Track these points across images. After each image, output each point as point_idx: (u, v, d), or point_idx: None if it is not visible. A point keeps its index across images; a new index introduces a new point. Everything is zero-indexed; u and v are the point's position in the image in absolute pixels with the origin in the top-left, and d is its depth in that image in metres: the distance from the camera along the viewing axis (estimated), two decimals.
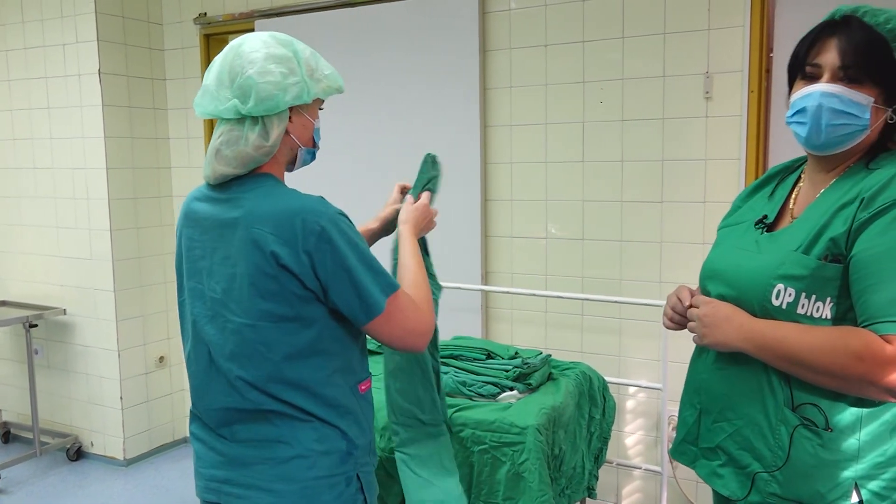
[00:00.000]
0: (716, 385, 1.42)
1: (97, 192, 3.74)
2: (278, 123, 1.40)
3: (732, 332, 1.32)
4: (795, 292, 1.26)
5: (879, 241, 1.18)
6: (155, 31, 3.93)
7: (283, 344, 1.37)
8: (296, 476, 1.40)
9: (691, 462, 1.50)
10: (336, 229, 1.33)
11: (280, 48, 1.40)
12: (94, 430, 3.96)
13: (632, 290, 2.92)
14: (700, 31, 2.71)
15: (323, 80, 1.45)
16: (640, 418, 2.99)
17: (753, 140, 2.64)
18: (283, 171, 1.51)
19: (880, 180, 1.22)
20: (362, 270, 1.35)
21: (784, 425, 1.29)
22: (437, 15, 3.15)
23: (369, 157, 3.38)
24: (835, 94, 1.26)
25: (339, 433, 1.43)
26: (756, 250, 1.37)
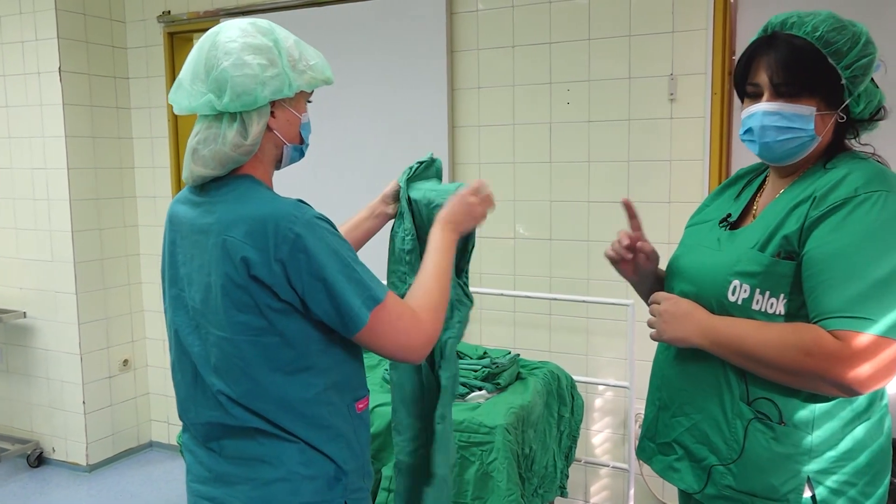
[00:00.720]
0: (676, 380, 1.45)
1: (58, 192, 3.67)
2: (258, 120, 1.28)
3: (690, 328, 1.35)
4: (750, 288, 1.29)
5: (830, 239, 1.21)
6: (118, 29, 3.86)
7: (264, 359, 1.26)
8: (277, 500, 1.29)
9: (648, 458, 1.52)
10: (313, 236, 1.21)
11: (259, 37, 1.29)
12: (55, 436, 3.88)
13: (599, 290, 2.94)
14: (664, 34, 2.75)
15: (307, 72, 1.32)
16: (608, 416, 3.02)
17: (717, 141, 2.68)
18: (270, 169, 1.39)
19: (833, 179, 1.25)
20: (342, 281, 1.22)
21: (739, 419, 1.32)
22: (404, 15, 3.14)
23: (335, 159, 3.36)
24: (776, 112, 1.29)
25: (327, 458, 1.31)
26: (717, 248, 1.40)
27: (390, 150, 3.24)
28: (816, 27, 1.27)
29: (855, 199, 1.21)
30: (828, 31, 1.26)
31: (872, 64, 1.28)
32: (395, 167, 3.13)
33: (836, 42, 1.26)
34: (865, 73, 1.27)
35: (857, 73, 1.27)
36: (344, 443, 1.34)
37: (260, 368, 1.26)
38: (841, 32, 1.26)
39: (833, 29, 1.27)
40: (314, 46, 1.41)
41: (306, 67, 1.32)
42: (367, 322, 1.24)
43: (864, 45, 1.27)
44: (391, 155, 3.23)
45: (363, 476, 1.40)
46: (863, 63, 1.26)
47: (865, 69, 1.27)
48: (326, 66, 1.37)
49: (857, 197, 1.21)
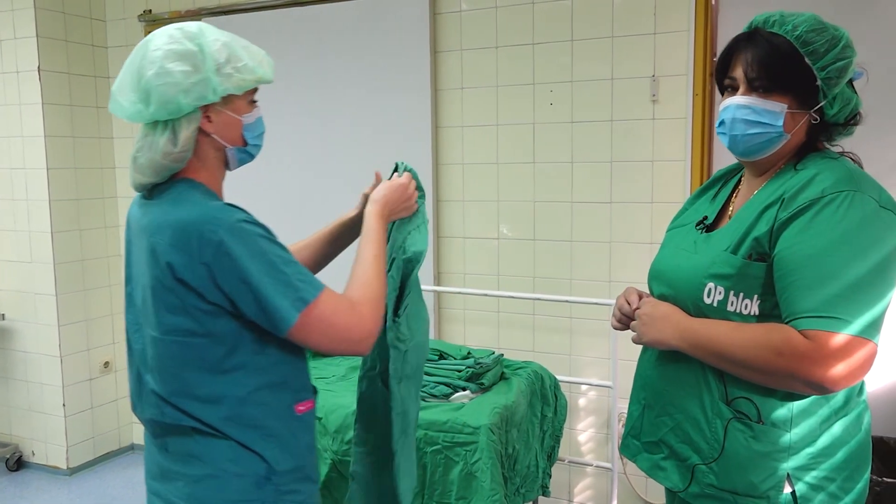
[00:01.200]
0: (658, 381, 1.47)
1: (37, 193, 3.62)
2: (187, 126, 1.29)
3: (668, 331, 1.38)
4: (724, 290, 1.31)
5: (798, 241, 1.23)
6: (98, 28, 3.82)
7: (194, 359, 1.27)
8: (206, 497, 1.30)
9: (633, 456, 1.54)
10: (236, 239, 1.22)
11: (185, 43, 1.28)
12: (35, 439, 3.84)
13: (582, 290, 2.96)
14: (646, 35, 2.76)
15: (234, 75, 1.30)
16: (591, 416, 3.03)
17: (698, 142, 2.70)
18: (217, 172, 1.39)
19: (801, 181, 1.27)
20: (267, 284, 1.22)
21: (719, 419, 1.34)
22: (388, 16, 3.14)
23: (318, 160, 3.35)
24: (748, 106, 1.32)
25: (257, 457, 1.31)
26: (693, 250, 1.42)
27: (373, 151, 3.23)
28: (797, 26, 1.29)
29: (822, 199, 1.23)
30: (807, 32, 1.28)
31: (849, 68, 1.29)
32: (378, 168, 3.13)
33: (814, 42, 1.28)
34: (841, 75, 1.29)
35: (833, 76, 1.28)
36: (277, 443, 1.34)
37: (190, 368, 1.28)
38: (820, 34, 1.28)
39: (812, 30, 1.29)
40: (296, 47, 1.41)
41: (233, 70, 1.30)
42: (296, 322, 1.24)
43: (842, 48, 1.28)
44: (374, 156, 3.22)
45: (302, 479, 1.39)
46: (839, 66, 1.28)
47: (841, 72, 1.29)
48: (259, 66, 1.34)
49: (824, 198, 1.23)
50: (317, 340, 1.29)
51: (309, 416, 1.42)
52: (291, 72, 3.34)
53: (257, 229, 1.26)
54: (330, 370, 2.56)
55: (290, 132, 3.40)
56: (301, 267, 1.29)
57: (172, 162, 1.30)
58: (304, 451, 1.39)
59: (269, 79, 1.36)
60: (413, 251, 1.59)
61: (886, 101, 2.46)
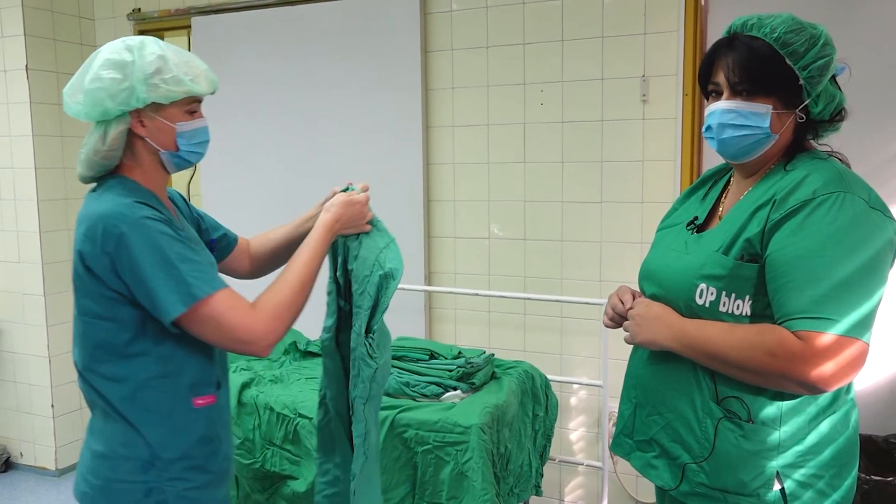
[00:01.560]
0: (649, 380, 1.48)
1: (25, 192, 3.60)
2: (115, 128, 1.41)
3: (661, 331, 1.39)
4: (717, 291, 1.32)
5: (791, 242, 1.24)
6: (86, 27, 3.80)
7: (102, 340, 1.40)
8: (100, 473, 1.43)
9: (626, 454, 1.55)
10: (136, 235, 1.33)
11: (122, 54, 1.40)
12: (23, 440, 3.81)
13: (572, 289, 2.96)
14: (636, 36, 2.77)
15: (161, 86, 1.39)
16: (582, 415, 3.04)
17: (688, 142, 2.71)
18: (154, 173, 1.49)
19: (792, 182, 1.28)
20: (158, 278, 1.33)
21: (709, 418, 1.35)
22: (378, 15, 3.13)
23: (308, 160, 3.34)
24: (733, 110, 1.33)
25: (143, 441, 1.41)
26: (684, 251, 1.43)
27: (364, 151, 3.23)
28: (775, 28, 1.30)
29: (813, 201, 1.24)
30: (785, 33, 1.30)
31: (830, 65, 1.31)
32: (369, 167, 3.12)
33: (793, 43, 1.29)
34: (822, 73, 1.30)
35: (814, 74, 1.29)
36: (167, 431, 1.42)
37: (98, 347, 1.41)
38: (799, 34, 1.30)
39: (791, 30, 1.30)
40: (286, 47, 1.45)
41: (160, 81, 1.40)
42: (181, 316, 1.34)
43: (822, 46, 1.30)
44: (365, 156, 3.22)
45: (192, 468, 1.45)
46: (820, 64, 1.29)
47: (822, 70, 1.30)
48: (192, 80, 1.43)
49: (815, 199, 1.24)
50: (208, 336, 1.38)
51: (207, 411, 1.48)
52: (281, 71, 3.33)
53: (159, 226, 1.36)
54: (320, 370, 2.56)
55: (280, 132, 3.39)
56: (201, 266, 1.38)
57: (102, 159, 1.43)
58: (196, 443, 1.46)
59: (199, 92, 1.45)
60: (390, 267, 1.60)
61: (877, 98, 2.47)
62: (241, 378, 2.41)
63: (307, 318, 1.60)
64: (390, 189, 3.18)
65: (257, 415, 2.30)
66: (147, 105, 1.41)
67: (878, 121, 2.49)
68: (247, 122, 3.45)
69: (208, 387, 1.49)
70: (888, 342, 2.56)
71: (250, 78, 3.40)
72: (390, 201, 3.19)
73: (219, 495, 1.54)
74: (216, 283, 1.39)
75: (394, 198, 3.18)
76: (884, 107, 2.49)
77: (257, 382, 2.41)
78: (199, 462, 1.47)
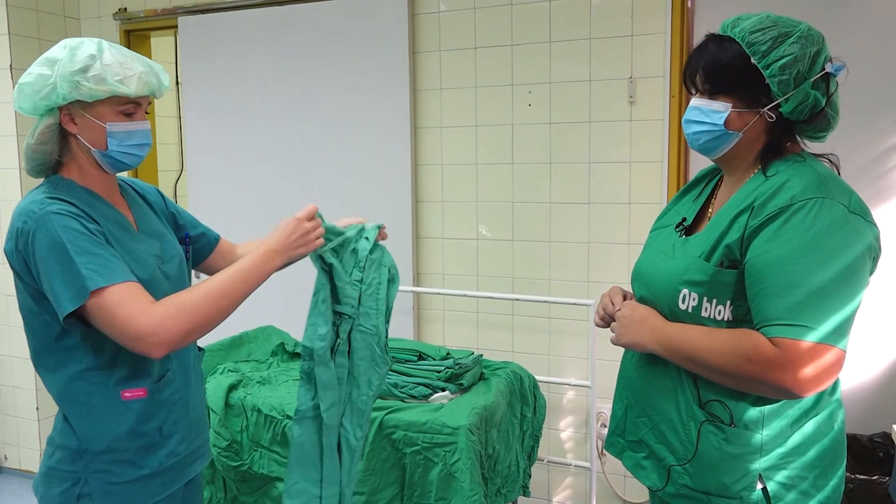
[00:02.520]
0: (638, 382, 1.50)
1: (9, 193, 3.56)
2: (43, 122, 1.43)
3: (645, 334, 1.41)
4: (698, 296, 1.34)
5: (768, 248, 1.25)
6: (71, 26, 3.77)
7: (38, 332, 1.44)
8: (44, 459, 1.49)
9: (619, 453, 1.57)
10: (41, 230, 1.34)
11: (57, 52, 1.41)
12: (8, 443, 3.77)
13: (560, 290, 2.97)
14: (624, 37, 2.78)
15: (83, 84, 1.38)
16: (570, 415, 3.05)
17: (675, 143, 2.73)
18: (92, 172, 1.49)
19: (771, 188, 1.29)
20: (55, 272, 1.33)
21: (693, 421, 1.37)
22: (366, 16, 3.13)
23: (296, 160, 3.33)
24: (697, 107, 1.38)
25: (72, 431, 1.44)
26: (671, 254, 1.44)
27: (352, 152, 3.22)
28: (743, 28, 1.32)
29: (791, 207, 1.25)
30: (751, 32, 1.31)
31: (796, 63, 1.28)
32: (357, 169, 3.12)
33: (757, 42, 1.30)
34: (785, 71, 1.28)
35: (776, 73, 1.29)
36: (94, 423, 1.44)
37: (37, 339, 1.45)
38: (765, 32, 1.30)
39: (757, 29, 1.31)
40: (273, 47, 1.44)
41: (83, 79, 1.38)
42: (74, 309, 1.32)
43: (790, 44, 1.29)
44: (353, 156, 3.21)
45: (118, 461, 1.45)
46: (782, 63, 1.28)
47: (785, 68, 1.28)
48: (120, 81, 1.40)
49: (793, 206, 1.25)
50: (105, 330, 1.36)
51: (137, 404, 1.47)
52: (268, 72, 3.32)
53: (65, 220, 1.35)
54: None
55: (267, 132, 3.37)
56: (102, 259, 1.35)
57: (32, 153, 1.45)
58: (124, 436, 1.45)
59: (124, 93, 1.41)
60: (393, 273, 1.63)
61: (869, 95, 2.49)
62: (228, 380, 2.40)
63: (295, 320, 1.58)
64: (378, 190, 3.18)
65: (245, 416, 2.29)
66: (74, 102, 1.40)
67: (869, 117, 2.51)
68: (233, 123, 3.44)
69: (139, 381, 1.47)
70: (871, 342, 2.58)
71: (237, 78, 3.38)
72: (378, 202, 3.20)
73: (161, 494, 1.50)
74: (115, 276, 1.34)
75: (382, 199, 3.17)
76: (875, 103, 2.51)
77: (245, 384, 2.40)
78: (127, 456, 1.46)
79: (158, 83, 1.48)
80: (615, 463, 3.00)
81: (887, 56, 2.49)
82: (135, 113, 1.47)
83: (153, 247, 1.54)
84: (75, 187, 1.46)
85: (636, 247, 2.84)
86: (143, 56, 1.50)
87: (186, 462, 1.57)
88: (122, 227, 1.50)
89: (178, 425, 1.54)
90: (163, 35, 3.90)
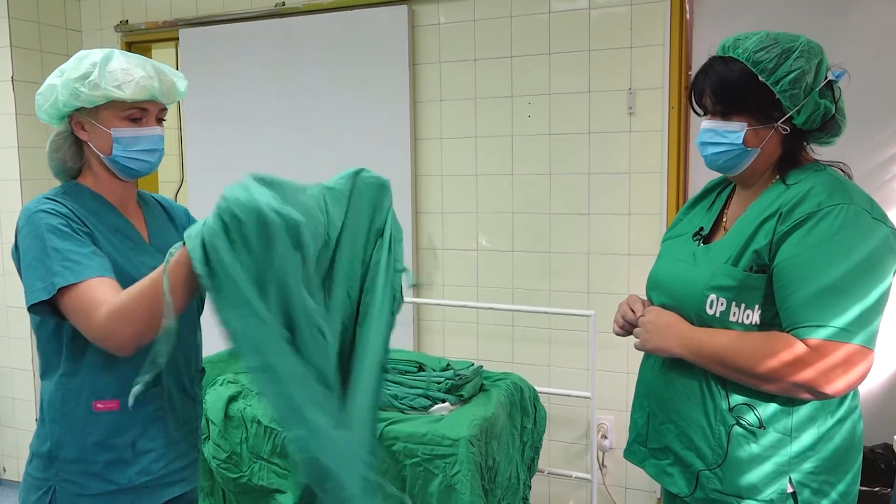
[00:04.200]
0: (662, 389, 1.51)
1: (10, 203, 3.57)
2: (57, 130, 1.49)
3: (672, 339, 1.44)
4: (727, 301, 1.37)
5: (797, 252, 1.29)
6: (73, 38, 3.79)
7: (38, 339, 1.48)
8: (25, 465, 1.50)
9: (640, 462, 1.58)
10: (26, 226, 1.39)
11: (70, 62, 1.45)
12: (6, 455, 3.76)
13: (560, 301, 2.97)
14: (623, 49, 2.79)
15: (82, 91, 1.40)
16: (570, 426, 3.04)
17: (674, 154, 2.73)
18: (105, 179, 1.51)
19: (797, 195, 1.33)
20: (32, 266, 1.36)
21: (722, 425, 1.39)
22: (366, 27, 3.15)
23: (296, 171, 3.32)
24: (711, 129, 1.42)
25: (46, 436, 1.45)
26: (692, 262, 1.47)
27: (352, 162, 3.20)
28: (746, 48, 1.37)
29: (819, 212, 1.29)
30: (755, 52, 1.36)
31: (805, 76, 1.34)
32: None
33: (763, 60, 1.35)
34: (795, 85, 1.34)
35: (786, 88, 1.34)
36: (65, 431, 1.44)
37: (38, 341, 1.49)
38: (769, 51, 1.35)
39: (761, 48, 1.36)
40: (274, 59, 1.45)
41: (81, 86, 1.40)
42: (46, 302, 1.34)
43: (794, 59, 1.34)
44: (353, 167, 3.21)
45: (85, 473, 1.43)
46: (791, 77, 1.34)
47: (795, 82, 1.34)
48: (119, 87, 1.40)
49: (820, 211, 1.29)
50: (73, 323, 1.36)
51: (107, 416, 1.44)
52: (268, 83, 3.33)
53: (49, 219, 1.38)
54: None
55: (267, 144, 3.38)
56: (77, 256, 1.35)
57: (49, 160, 1.50)
58: (91, 447, 1.43)
59: (119, 97, 1.41)
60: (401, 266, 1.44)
61: (873, 101, 2.50)
62: (228, 391, 2.39)
63: None
64: None
65: (244, 428, 2.28)
66: (81, 110, 1.44)
67: (866, 127, 2.52)
68: (234, 134, 3.45)
69: (108, 392, 1.44)
70: (876, 353, 2.58)
71: (238, 90, 3.40)
72: None
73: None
74: (87, 273, 1.33)
75: None
76: (874, 113, 2.52)
77: (244, 395, 2.40)
78: (95, 469, 1.44)
79: (163, 88, 1.46)
80: (616, 474, 2.99)
81: (885, 65, 2.50)
82: (141, 118, 1.47)
83: (159, 262, 1.47)
84: (85, 193, 1.49)
85: (636, 257, 2.84)
86: (158, 63, 1.49)
87: (163, 483, 1.51)
88: (126, 236, 1.50)
89: (155, 443, 1.49)
90: (164, 47, 3.92)
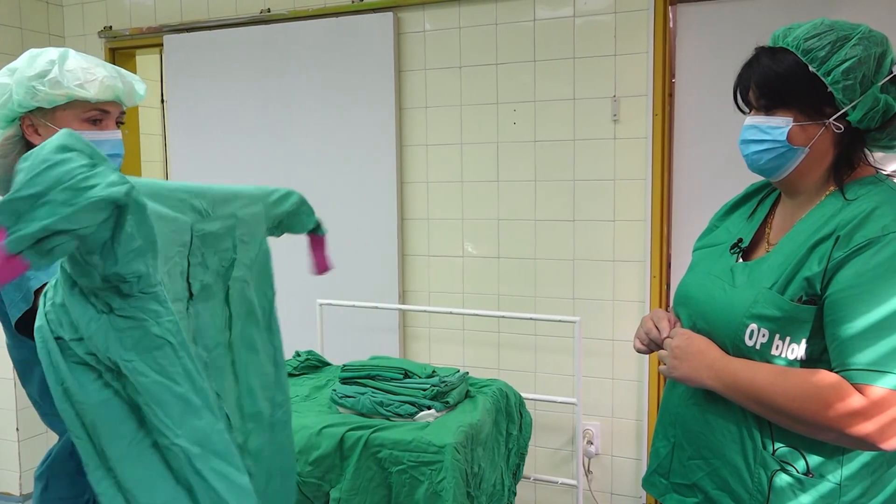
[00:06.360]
0: (691, 421, 1.36)
1: None
2: (5, 133, 1.40)
3: (703, 369, 1.27)
4: (769, 333, 1.20)
5: (855, 284, 1.13)
6: (56, 44, 3.74)
7: None
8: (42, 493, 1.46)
9: (660, 495, 1.44)
10: None
11: (19, 60, 1.37)
12: None
13: (546, 307, 2.98)
14: (607, 57, 2.81)
15: (40, 90, 1.33)
16: (556, 433, 3.04)
17: (658, 161, 2.75)
18: None
19: (857, 215, 1.16)
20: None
21: (763, 469, 1.24)
22: (352, 34, 3.15)
23: (282, 178, 3.32)
24: (755, 125, 1.27)
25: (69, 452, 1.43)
26: (730, 281, 1.31)
27: (338, 170, 3.23)
28: (797, 37, 1.22)
29: (882, 239, 1.13)
30: (805, 39, 1.21)
31: (860, 66, 1.18)
32: (342, 186, 3.12)
33: (814, 49, 1.20)
34: (849, 76, 1.18)
35: (839, 79, 1.18)
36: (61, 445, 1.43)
37: None
38: (822, 38, 1.20)
39: (813, 35, 1.21)
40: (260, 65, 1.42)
41: (39, 84, 1.33)
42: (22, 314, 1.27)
43: (851, 47, 1.18)
44: (339, 174, 3.22)
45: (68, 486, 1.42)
46: (845, 67, 1.18)
47: (849, 72, 1.18)
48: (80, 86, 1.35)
49: (885, 237, 1.13)
50: None
51: None
52: (254, 90, 3.32)
53: None
54: (294, 390, 2.53)
55: (253, 150, 3.37)
56: None
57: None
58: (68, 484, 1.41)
59: (83, 97, 1.36)
60: None
61: None
62: None
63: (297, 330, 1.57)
64: (364, 207, 3.18)
65: None
66: (35, 111, 1.35)
67: None
68: (219, 141, 3.43)
69: None
70: None
71: (223, 96, 3.39)
72: (364, 220, 3.20)
73: None
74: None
75: (368, 216, 3.18)
76: None
77: None
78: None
79: (126, 90, 1.42)
80: (602, 480, 2.99)
81: None
82: (102, 121, 1.40)
83: None
84: None
85: (621, 263, 2.86)
86: (117, 66, 1.44)
87: None
88: None
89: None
90: (148, 53, 3.90)
